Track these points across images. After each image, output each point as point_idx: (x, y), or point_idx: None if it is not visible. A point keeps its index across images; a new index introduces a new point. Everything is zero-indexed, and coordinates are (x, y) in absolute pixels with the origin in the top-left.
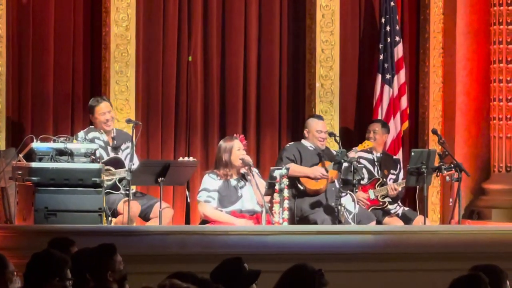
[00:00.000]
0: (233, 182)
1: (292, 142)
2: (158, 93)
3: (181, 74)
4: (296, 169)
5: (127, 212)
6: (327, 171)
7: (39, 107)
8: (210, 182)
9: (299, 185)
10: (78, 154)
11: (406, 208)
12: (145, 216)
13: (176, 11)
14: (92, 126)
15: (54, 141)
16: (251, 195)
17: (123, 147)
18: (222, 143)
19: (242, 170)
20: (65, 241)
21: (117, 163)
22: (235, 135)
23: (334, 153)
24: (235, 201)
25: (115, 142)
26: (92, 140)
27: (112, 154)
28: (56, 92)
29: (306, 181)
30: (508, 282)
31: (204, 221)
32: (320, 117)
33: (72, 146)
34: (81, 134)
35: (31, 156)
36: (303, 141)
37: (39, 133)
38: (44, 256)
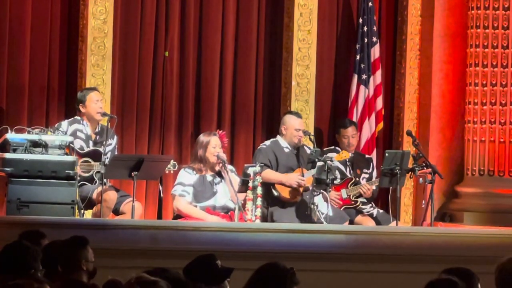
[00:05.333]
0: (208, 177)
1: (268, 142)
2: (134, 87)
3: (157, 69)
4: (271, 176)
5: (104, 201)
6: (303, 176)
7: (14, 98)
8: (186, 176)
9: (273, 191)
10: (53, 146)
11: (381, 211)
12: (116, 209)
13: (154, 5)
14: (78, 117)
15: (29, 132)
16: (225, 191)
17: (106, 143)
18: (200, 137)
19: (217, 168)
20: (36, 233)
21: (96, 156)
22: (217, 131)
23: (309, 151)
24: (210, 196)
25: (97, 137)
26: (74, 132)
27: (92, 147)
28: (32, 83)
29: (281, 188)
30: (479, 285)
31: (177, 216)
32: (298, 114)
33: (47, 137)
34: (65, 123)
35: (5, 147)
36: (279, 138)
37: (14, 124)
38: (16, 248)
